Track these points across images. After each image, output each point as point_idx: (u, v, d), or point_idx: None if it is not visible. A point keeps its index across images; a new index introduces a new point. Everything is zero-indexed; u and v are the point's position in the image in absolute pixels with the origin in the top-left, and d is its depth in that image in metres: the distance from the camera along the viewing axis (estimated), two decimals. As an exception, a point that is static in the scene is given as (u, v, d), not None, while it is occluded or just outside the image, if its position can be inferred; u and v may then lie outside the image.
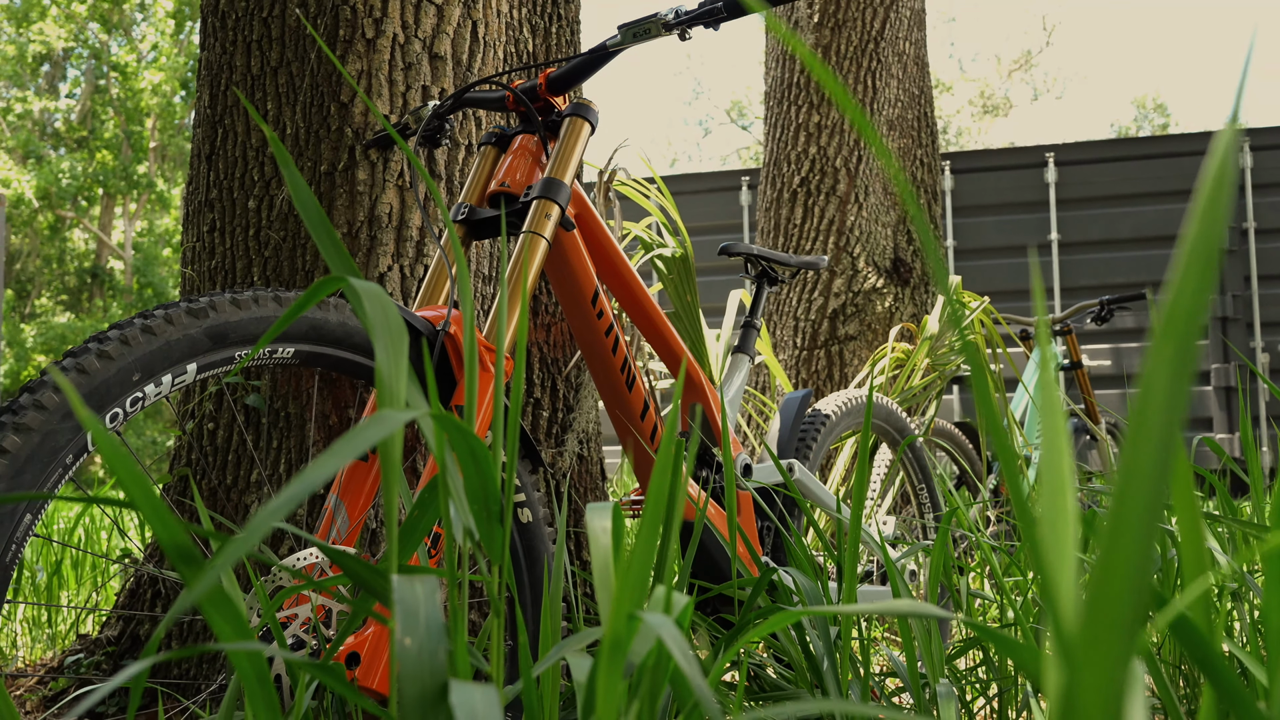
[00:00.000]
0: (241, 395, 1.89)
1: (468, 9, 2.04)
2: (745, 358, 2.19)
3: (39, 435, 1.03)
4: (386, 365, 0.67)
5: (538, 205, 1.53)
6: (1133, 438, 0.38)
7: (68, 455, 1.06)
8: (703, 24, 1.57)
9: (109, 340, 1.11)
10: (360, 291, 0.69)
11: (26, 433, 1.02)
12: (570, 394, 2.13)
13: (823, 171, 4.12)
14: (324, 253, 0.75)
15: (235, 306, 1.22)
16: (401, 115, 1.95)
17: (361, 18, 1.95)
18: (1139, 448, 0.38)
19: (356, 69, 1.94)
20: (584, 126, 1.63)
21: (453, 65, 2.02)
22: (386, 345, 0.68)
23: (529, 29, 2.20)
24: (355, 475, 1.42)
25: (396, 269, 1.92)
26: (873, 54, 4.13)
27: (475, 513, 0.72)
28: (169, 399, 1.23)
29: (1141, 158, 7.56)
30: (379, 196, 1.92)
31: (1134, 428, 0.38)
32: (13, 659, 2.17)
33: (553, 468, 2.07)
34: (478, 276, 1.98)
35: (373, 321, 0.69)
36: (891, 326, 3.99)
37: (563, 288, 1.68)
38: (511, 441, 0.77)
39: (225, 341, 1.19)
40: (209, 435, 1.93)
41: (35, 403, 1.04)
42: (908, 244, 4.20)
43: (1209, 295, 0.38)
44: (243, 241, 1.97)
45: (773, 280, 2.26)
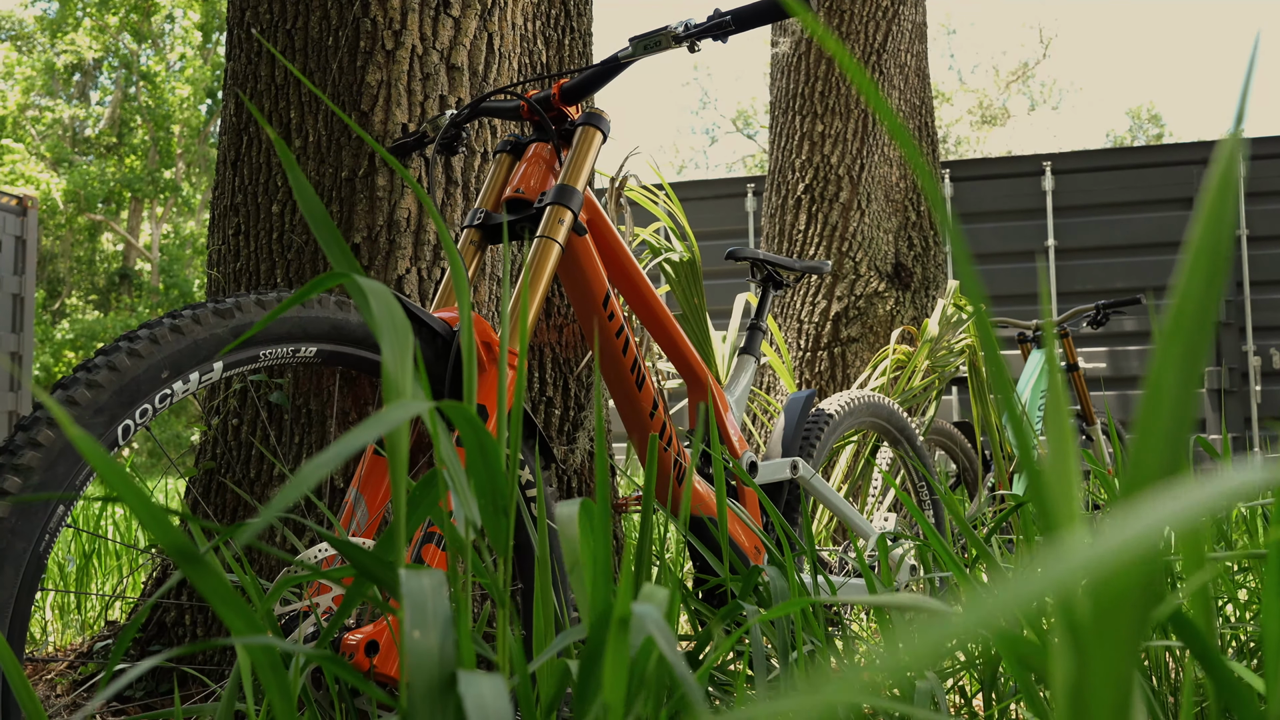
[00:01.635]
0: (265, 393, 1.95)
1: (484, 21, 2.11)
2: (751, 359, 2.26)
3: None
4: (392, 360, 0.68)
5: (551, 211, 1.58)
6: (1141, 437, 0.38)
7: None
8: (711, 37, 1.63)
9: (139, 339, 1.15)
10: (365, 289, 0.70)
11: (59, 428, 1.06)
12: (582, 393, 2.20)
13: (826, 179, 4.20)
14: (329, 254, 0.76)
15: (260, 307, 1.26)
16: (420, 123, 2.02)
17: (381, 30, 2.03)
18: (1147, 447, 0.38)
19: (377, 79, 2.01)
20: (596, 135, 1.68)
21: (469, 75, 2.09)
22: (391, 341, 0.69)
23: (543, 41, 2.27)
24: (374, 470, 1.47)
25: (415, 272, 1.98)
26: (875, 65, 4.21)
27: (482, 506, 0.72)
28: (195, 395, 1.29)
29: (1136, 167, 7.66)
30: (398, 202, 1.99)
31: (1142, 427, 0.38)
32: (44, 644, 2.25)
33: (565, 464, 2.13)
34: (493, 279, 2.05)
35: (378, 319, 0.69)
36: (892, 329, 4.06)
37: (575, 290, 1.73)
38: (515, 437, 0.78)
39: (251, 341, 1.23)
40: (233, 431, 1.99)
41: (68, 398, 1.08)
42: (908, 249, 4.28)
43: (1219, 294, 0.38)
44: (266, 245, 2.04)
45: (778, 284, 2.33)
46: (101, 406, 1.10)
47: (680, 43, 1.63)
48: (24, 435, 1.08)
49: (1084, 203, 7.66)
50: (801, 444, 2.23)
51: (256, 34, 2.11)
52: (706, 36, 1.62)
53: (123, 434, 1.14)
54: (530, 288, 1.52)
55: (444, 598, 0.62)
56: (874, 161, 4.23)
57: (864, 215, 4.18)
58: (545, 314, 2.18)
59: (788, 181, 4.32)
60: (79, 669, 1.92)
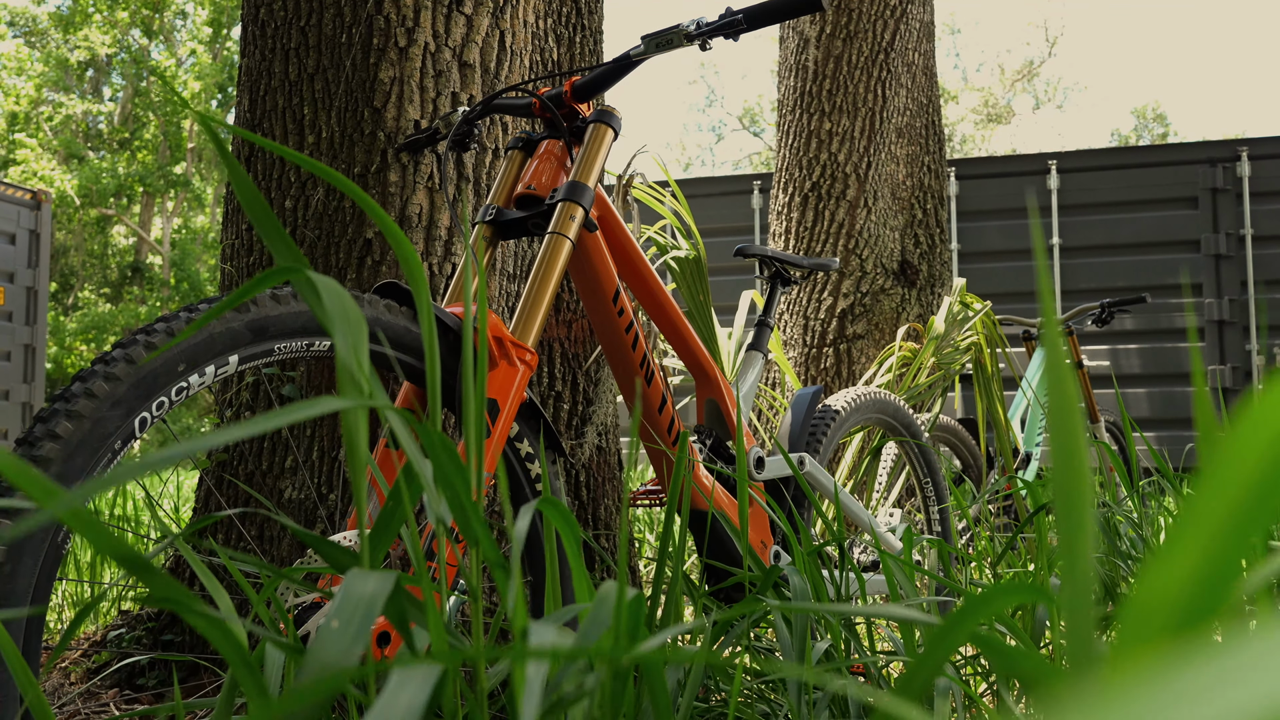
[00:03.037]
0: (277, 386, 1.97)
1: (496, 19, 2.13)
2: (759, 355, 2.27)
3: (90, 422, 1.08)
4: (346, 352, 0.67)
5: (563, 208, 1.60)
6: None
7: (116, 441, 1.11)
8: (723, 35, 1.64)
9: (156, 332, 1.16)
10: (316, 283, 0.69)
11: (78, 419, 1.07)
12: (590, 388, 2.21)
13: (833, 177, 4.22)
14: (272, 249, 0.74)
15: (275, 302, 1.27)
16: (432, 120, 2.04)
17: (394, 27, 2.04)
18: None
19: (389, 75, 2.03)
20: (608, 133, 1.70)
21: (481, 73, 2.11)
22: (345, 333, 0.68)
23: (554, 38, 2.29)
24: (384, 464, 1.48)
25: (426, 267, 2.00)
26: (883, 64, 4.22)
27: (449, 500, 0.72)
28: (210, 388, 1.30)
29: (1141, 166, 7.66)
30: (409, 198, 2.00)
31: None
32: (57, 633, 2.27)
33: (572, 458, 2.15)
34: (503, 275, 2.07)
35: (330, 312, 0.69)
36: (898, 326, 4.08)
37: (585, 286, 1.75)
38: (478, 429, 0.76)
39: (265, 335, 1.24)
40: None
41: (86, 391, 1.09)
42: (914, 247, 4.30)
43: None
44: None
45: (786, 281, 2.35)
46: (119, 399, 1.11)
47: (692, 41, 1.65)
48: (43, 427, 1.09)
49: (1089, 201, 7.67)
50: (808, 440, 2.24)
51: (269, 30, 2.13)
52: (718, 35, 1.63)
53: (139, 426, 1.15)
54: (541, 284, 1.54)
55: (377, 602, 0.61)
56: (881, 159, 4.24)
57: (870, 213, 4.19)
58: (555, 309, 2.20)
59: (795, 179, 4.34)
60: (92, 657, 1.95)
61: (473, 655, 0.58)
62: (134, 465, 0.52)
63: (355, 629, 0.59)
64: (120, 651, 1.91)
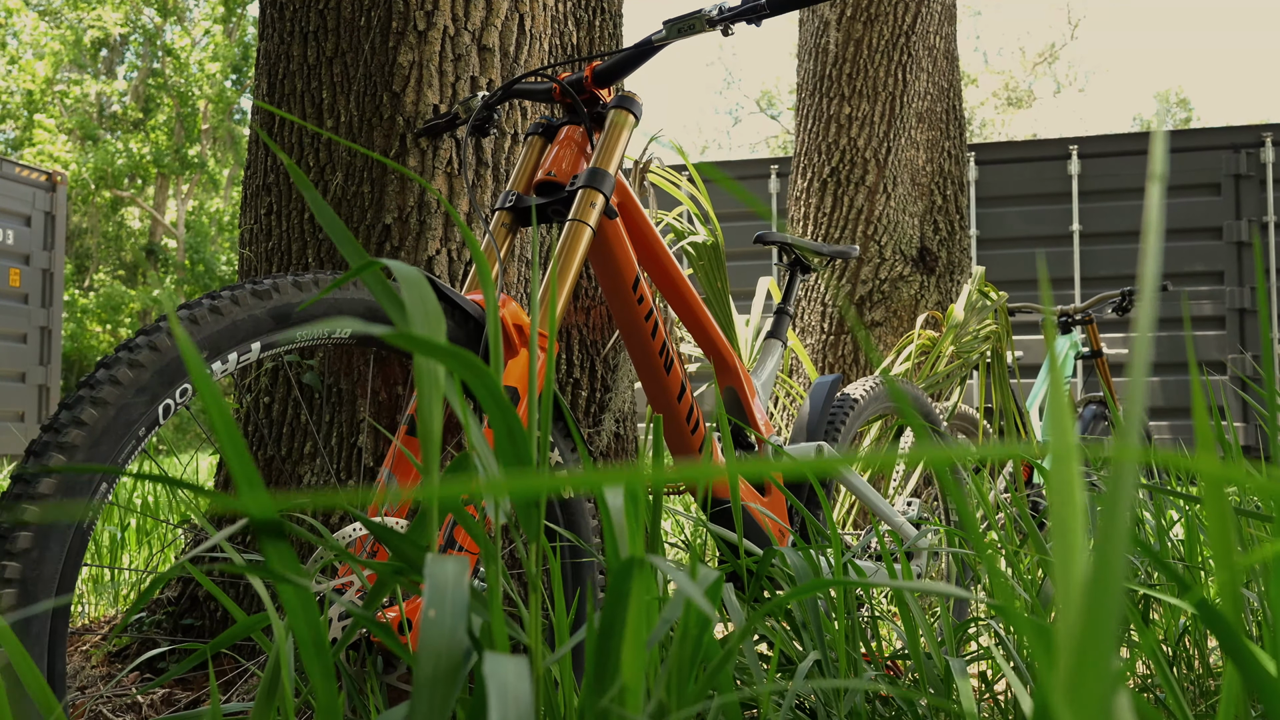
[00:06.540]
0: (297, 372, 1.97)
1: (515, 3, 2.11)
2: (778, 343, 2.26)
3: (114, 409, 1.07)
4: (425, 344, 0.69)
5: (583, 194, 1.58)
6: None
7: (140, 428, 1.10)
8: (745, 20, 1.62)
9: (180, 320, 1.15)
10: (400, 275, 0.72)
11: (103, 406, 1.07)
12: (608, 375, 2.21)
13: (852, 162, 4.19)
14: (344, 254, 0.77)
15: (297, 289, 1.26)
16: (451, 105, 2.02)
17: (413, 10, 2.03)
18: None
19: (408, 60, 2.02)
20: (629, 119, 1.68)
21: (500, 57, 2.10)
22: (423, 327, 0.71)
23: (573, 22, 2.27)
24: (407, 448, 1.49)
25: (445, 252, 1.99)
26: (904, 48, 4.18)
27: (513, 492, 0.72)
28: (232, 375, 1.30)
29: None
30: (429, 183, 1.99)
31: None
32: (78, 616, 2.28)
33: (590, 445, 2.15)
34: (523, 261, 2.06)
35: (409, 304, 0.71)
36: (917, 313, 4.05)
37: (605, 273, 1.74)
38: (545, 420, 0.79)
39: (287, 322, 1.24)
40: (265, 409, 2.02)
41: (111, 378, 1.09)
42: (934, 233, 4.26)
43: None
44: (298, 225, 2.05)
45: (805, 269, 2.33)
46: (144, 386, 1.11)
47: (714, 26, 1.63)
48: (68, 414, 1.09)
49: (1111, 187, 7.60)
50: (827, 428, 2.23)
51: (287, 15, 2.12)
52: (741, 19, 1.61)
53: (163, 413, 1.15)
54: (561, 271, 1.53)
55: (464, 583, 0.62)
56: (900, 145, 4.21)
57: (889, 199, 4.16)
58: (573, 296, 2.19)
59: (814, 164, 4.31)
60: (113, 641, 1.95)
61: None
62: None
63: (453, 611, 0.60)
64: (141, 636, 1.92)
